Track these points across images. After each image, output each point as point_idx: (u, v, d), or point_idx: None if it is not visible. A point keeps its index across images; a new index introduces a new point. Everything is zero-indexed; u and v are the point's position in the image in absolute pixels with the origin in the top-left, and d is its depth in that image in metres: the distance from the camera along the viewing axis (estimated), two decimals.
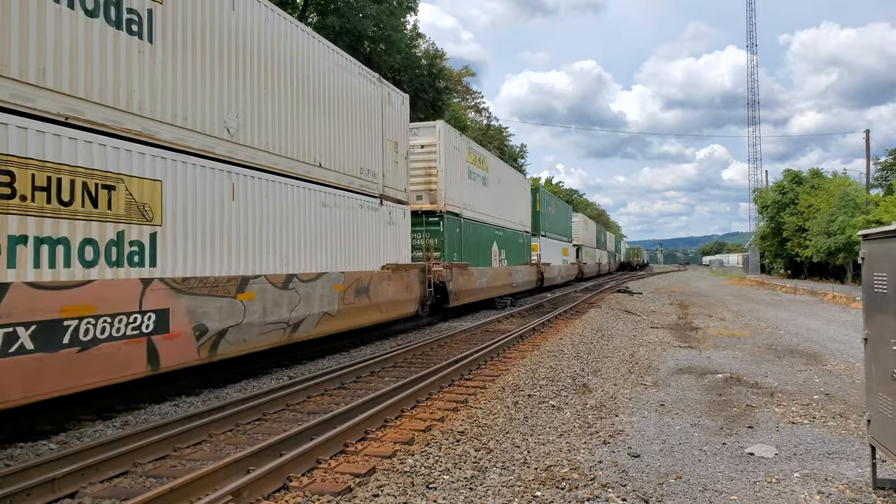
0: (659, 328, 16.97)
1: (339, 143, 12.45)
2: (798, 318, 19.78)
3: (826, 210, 41.08)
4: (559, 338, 14.17)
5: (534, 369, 10.24)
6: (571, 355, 11.77)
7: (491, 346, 12.31)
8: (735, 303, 26.77)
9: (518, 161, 64.00)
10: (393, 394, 8.21)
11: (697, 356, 12.05)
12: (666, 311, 22.49)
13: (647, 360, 11.60)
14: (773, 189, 52.08)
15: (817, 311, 21.98)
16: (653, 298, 29.78)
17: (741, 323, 18.35)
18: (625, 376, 9.97)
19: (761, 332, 16.10)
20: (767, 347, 13.23)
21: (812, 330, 16.38)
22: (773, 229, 50.78)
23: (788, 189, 48.68)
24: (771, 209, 50.05)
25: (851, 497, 4.95)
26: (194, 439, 6.58)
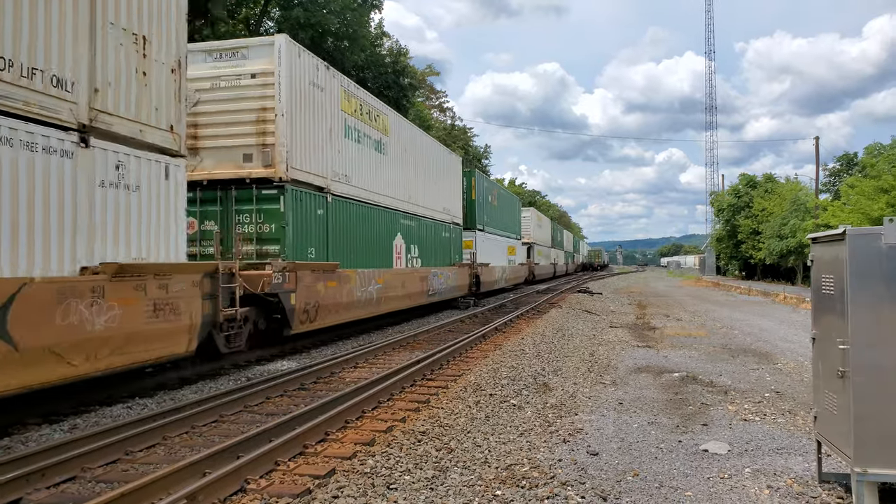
0: (618, 328, 17.26)
1: None
2: (751, 318, 20.35)
3: (779, 214, 42.41)
4: (521, 337, 14.29)
5: (495, 368, 10.30)
6: (533, 354, 11.88)
7: (453, 345, 12.34)
8: (691, 303, 27.40)
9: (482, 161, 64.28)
10: (354, 394, 8.16)
11: (655, 355, 12.29)
12: (625, 311, 22.87)
13: (606, 359, 11.79)
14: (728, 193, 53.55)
15: (769, 312, 22.64)
16: (612, 298, 30.26)
17: (697, 323, 18.79)
18: (584, 375, 10.11)
19: (716, 331, 16.52)
20: (722, 347, 13.58)
21: (764, 330, 16.87)
22: (728, 232, 52.13)
23: (743, 193, 50.09)
24: (726, 212, 51.41)
25: (798, 491, 5.12)
26: (147, 442, 6.43)
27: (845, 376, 4.58)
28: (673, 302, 28.37)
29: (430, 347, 12.98)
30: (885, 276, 4.45)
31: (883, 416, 4.41)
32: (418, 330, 15.53)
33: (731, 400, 8.40)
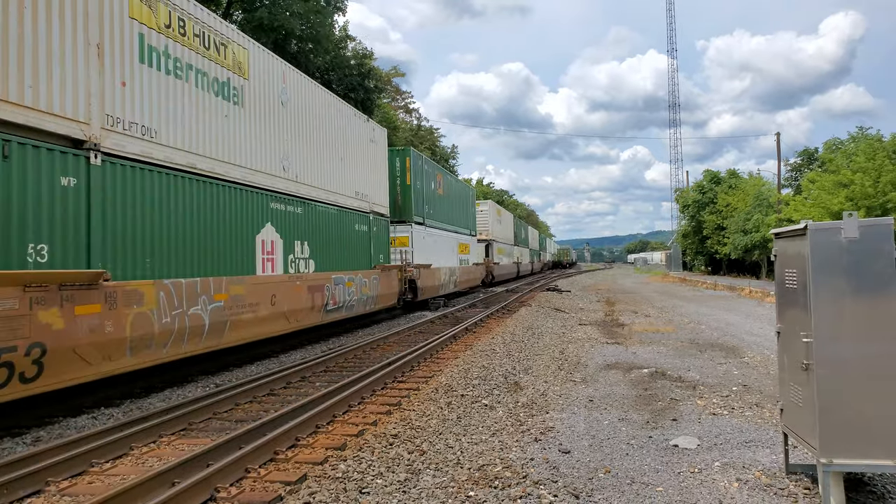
0: (587, 325, 17.43)
1: None
2: (718, 312, 20.74)
3: (742, 209, 43.19)
4: (491, 337, 14.33)
5: (466, 369, 10.31)
6: (503, 354, 11.92)
7: (424, 347, 12.32)
8: (659, 299, 27.82)
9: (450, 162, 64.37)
10: (324, 399, 8.09)
11: (624, 352, 12.44)
12: (593, 309, 23.12)
13: (576, 356, 11.89)
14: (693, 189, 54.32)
15: (735, 306, 23.10)
16: (581, 296, 30.56)
17: (665, 319, 19.08)
18: (555, 373, 10.18)
19: (684, 327, 16.79)
20: (690, 342, 13.81)
21: (731, 324, 17.20)
22: (693, 228, 52.95)
23: (708, 189, 50.87)
24: (692, 208, 52.19)
25: (766, 483, 5.22)
26: (114, 453, 6.28)
27: (809, 369, 4.68)
28: (641, 298, 28.76)
29: (402, 349, 12.94)
30: (845, 270, 4.56)
31: (847, 407, 4.52)
32: (389, 332, 15.47)
33: (700, 394, 8.53)
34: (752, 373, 10.10)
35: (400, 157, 21.71)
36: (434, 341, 13.11)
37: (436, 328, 16.79)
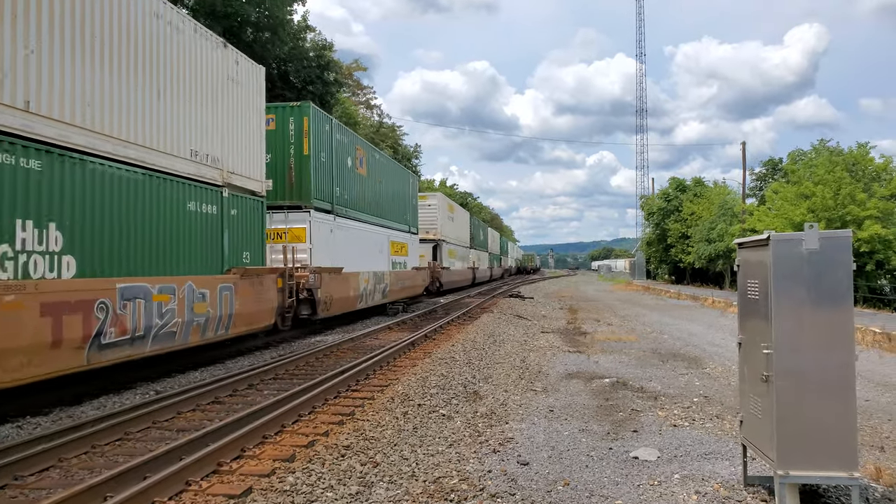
0: (549, 333, 17.61)
1: None
2: (681, 322, 21.19)
3: (707, 218, 44.28)
4: (451, 344, 14.36)
5: (424, 377, 10.31)
6: (463, 362, 11.96)
7: (381, 354, 12.27)
8: (622, 308, 28.28)
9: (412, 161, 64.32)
10: (273, 408, 7.98)
11: (586, 361, 12.61)
12: (556, 316, 23.37)
13: (537, 365, 12.00)
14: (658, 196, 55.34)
15: (698, 316, 23.64)
16: (544, 303, 30.85)
17: (628, 327, 19.41)
18: (515, 382, 10.25)
19: (647, 336, 17.11)
20: (652, 351, 14.07)
21: (693, 334, 17.59)
22: (658, 235, 53.95)
23: (673, 196, 51.96)
24: (656, 216, 53.19)
25: (725, 495, 5.35)
26: (40, 465, 6.07)
27: (769, 380, 4.82)
28: (604, 306, 29.19)
29: (356, 357, 12.86)
30: (806, 281, 4.71)
31: (804, 418, 4.67)
32: (344, 338, 15.34)
33: (661, 405, 8.70)
34: (714, 384, 10.34)
35: (295, 116, 16.06)
36: (391, 348, 13.04)
37: (393, 335, 16.73)
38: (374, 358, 11.80)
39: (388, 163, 24.19)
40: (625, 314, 24.49)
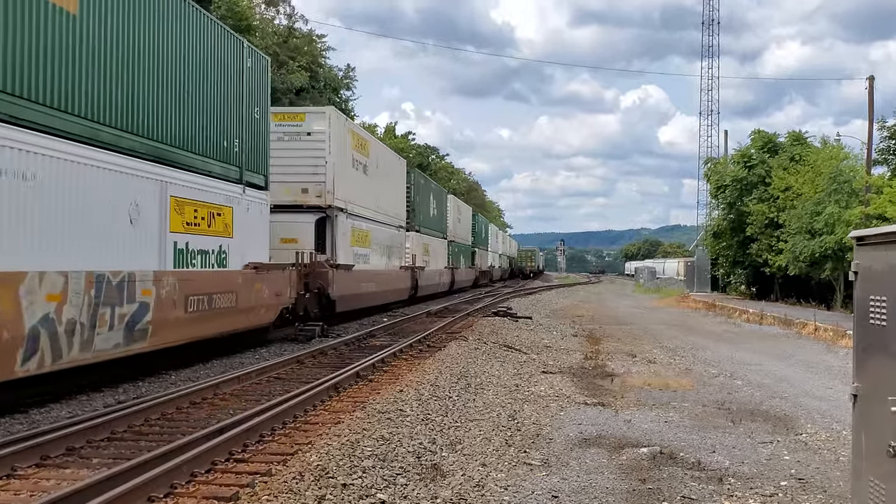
0: (555, 374, 17.67)
1: None
2: (763, 360, 21.43)
3: (810, 196, 43.79)
4: (398, 389, 14.30)
5: (354, 441, 10.23)
6: (417, 417, 11.91)
7: (285, 403, 12.18)
8: (671, 335, 28.53)
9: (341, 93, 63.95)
10: (104, 487, 7.85)
11: (612, 419, 12.64)
12: (567, 347, 23.46)
13: (534, 424, 12.00)
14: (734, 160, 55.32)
15: (791, 351, 23.92)
16: (548, 326, 30.96)
17: (679, 367, 19.59)
18: (499, 451, 10.23)
19: (708, 382, 17.27)
20: (717, 406, 14.18)
21: (782, 380, 17.82)
22: (732, 223, 53.92)
23: (757, 160, 51.67)
24: (730, 191, 53.01)
25: None
26: None
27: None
28: (642, 333, 29.39)
29: (245, 406, 12.74)
30: None
31: None
32: (226, 376, 15.21)
33: (729, 492, 8.76)
34: (813, 458, 10.45)
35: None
36: (300, 395, 12.95)
37: (306, 373, 16.59)
38: (273, 409, 11.70)
39: None
40: (674, 346, 24.71)
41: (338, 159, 27.49)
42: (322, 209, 26.83)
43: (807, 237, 42.20)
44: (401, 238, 38.57)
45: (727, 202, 53.80)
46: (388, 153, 38.33)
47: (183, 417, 12.01)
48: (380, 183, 34.00)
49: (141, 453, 9.56)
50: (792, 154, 49.92)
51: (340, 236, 27.83)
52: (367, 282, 30.90)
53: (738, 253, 54.33)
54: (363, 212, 30.86)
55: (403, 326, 27.87)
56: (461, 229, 61.25)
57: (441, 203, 52.97)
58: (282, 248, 24.54)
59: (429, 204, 47.63)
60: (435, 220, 49.73)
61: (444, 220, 53.52)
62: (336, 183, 27.17)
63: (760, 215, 49.06)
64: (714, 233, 57.27)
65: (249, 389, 14.51)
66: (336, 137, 27.38)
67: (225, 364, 17.86)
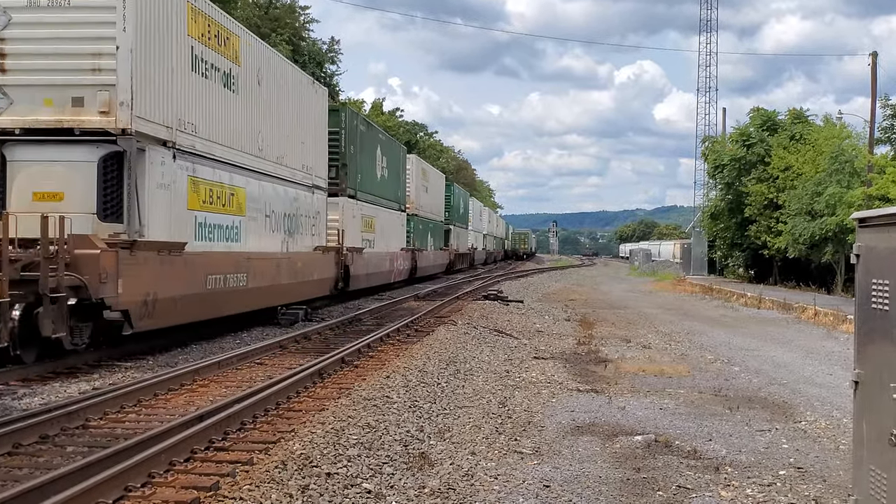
0: (547, 359, 17.77)
1: None
2: (762, 346, 21.57)
3: (811, 176, 43.90)
4: (385, 375, 14.34)
5: (339, 429, 10.27)
6: (404, 404, 11.97)
7: (267, 390, 12.20)
8: (667, 320, 28.66)
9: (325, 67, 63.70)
10: (79, 477, 7.86)
11: (606, 406, 12.73)
12: (559, 332, 23.57)
13: (525, 411, 12.09)
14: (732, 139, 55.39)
15: (790, 337, 24.07)
16: (539, 310, 31.06)
17: (675, 353, 19.71)
18: (489, 439, 10.29)
19: (705, 367, 17.38)
20: (714, 392, 14.29)
21: (781, 366, 17.94)
22: (730, 204, 54.01)
23: (757, 139, 51.74)
24: (728, 171, 53.08)
25: None
26: None
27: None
28: (637, 317, 29.51)
29: (224, 393, 12.78)
30: None
31: None
32: (206, 361, 15.22)
33: (726, 481, 8.83)
34: (813, 447, 10.55)
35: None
36: (283, 381, 12.99)
37: (287, 360, 16.65)
38: (255, 395, 11.72)
39: None
40: (670, 331, 24.83)
41: (148, 46, 16.55)
42: (112, 137, 15.92)
43: (807, 219, 42.29)
44: (316, 204, 27.49)
45: (725, 182, 53.92)
46: (291, 70, 26.51)
47: (161, 404, 12.01)
48: (265, 111, 23.01)
49: (117, 441, 9.58)
50: (792, 133, 50.08)
51: (154, 190, 16.92)
52: (230, 273, 20.32)
53: (737, 235, 54.42)
54: (220, 152, 19.94)
55: (388, 309, 27.85)
56: (429, 201, 52.91)
57: (396, 162, 42.07)
58: (33, 211, 14.78)
59: (374, 161, 36.84)
60: (386, 184, 39.42)
61: (400, 185, 43.42)
62: (141, 87, 16.24)
63: (759, 196, 49.22)
64: (711, 214, 57.29)
65: (230, 375, 14.52)
66: (145, 5, 16.43)
67: (204, 349, 17.88)
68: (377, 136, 38.56)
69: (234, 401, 11.38)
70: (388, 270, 39.27)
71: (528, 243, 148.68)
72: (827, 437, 11.12)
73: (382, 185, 38.49)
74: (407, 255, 43.69)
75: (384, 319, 24.83)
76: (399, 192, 42.93)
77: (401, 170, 43.59)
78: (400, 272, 41.81)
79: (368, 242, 34.66)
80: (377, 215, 36.98)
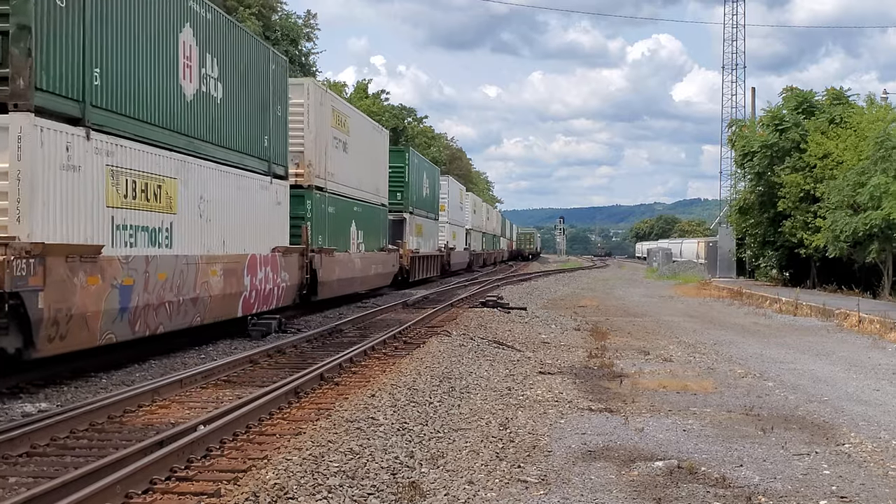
0: (554, 374, 17.70)
1: None
2: (799, 358, 21.51)
3: (853, 164, 43.71)
4: (370, 393, 14.27)
5: (318, 455, 10.20)
6: (392, 427, 11.90)
7: (233, 410, 12.15)
8: (691, 329, 28.64)
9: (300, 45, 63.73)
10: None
11: (621, 427, 12.65)
12: (568, 343, 23.51)
13: (530, 434, 12.01)
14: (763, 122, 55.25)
15: (832, 347, 24.01)
16: (545, 318, 31.04)
17: (700, 366, 19.63)
18: (489, 466, 10.22)
19: (734, 383, 17.29)
20: (744, 411, 14.19)
21: (821, 381, 17.86)
22: (760, 196, 53.92)
23: (791, 123, 51.56)
24: (759, 159, 52.92)
25: None
26: None
27: None
28: (657, 326, 29.50)
29: (189, 413, 12.71)
30: None
31: None
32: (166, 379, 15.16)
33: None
34: (858, 472, 10.46)
35: None
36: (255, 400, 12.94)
37: (262, 374, 16.61)
38: (222, 417, 11.69)
39: None
40: (695, 341, 24.76)
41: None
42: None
43: (849, 213, 42.04)
44: None
45: (755, 172, 53.62)
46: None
47: (116, 428, 11.98)
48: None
49: (66, 471, 9.52)
50: (831, 115, 49.64)
51: None
52: None
53: (769, 232, 54.21)
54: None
55: (374, 318, 27.79)
56: (353, 168, 35.84)
57: (255, 73, 24.47)
58: None
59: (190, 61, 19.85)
60: (236, 122, 22.88)
61: (270, 127, 25.49)
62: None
63: (794, 187, 48.91)
64: (740, 208, 57.10)
65: (194, 395, 14.50)
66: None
67: (164, 365, 17.79)
68: None
69: (198, 423, 11.34)
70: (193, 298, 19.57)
71: (535, 243, 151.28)
72: (874, 462, 11.03)
73: (219, 122, 21.65)
74: (291, 260, 26.61)
75: (368, 330, 24.78)
76: (262, 141, 24.91)
77: (265, 90, 25.26)
78: (266, 296, 24.42)
79: None
80: (190, 180, 19.66)
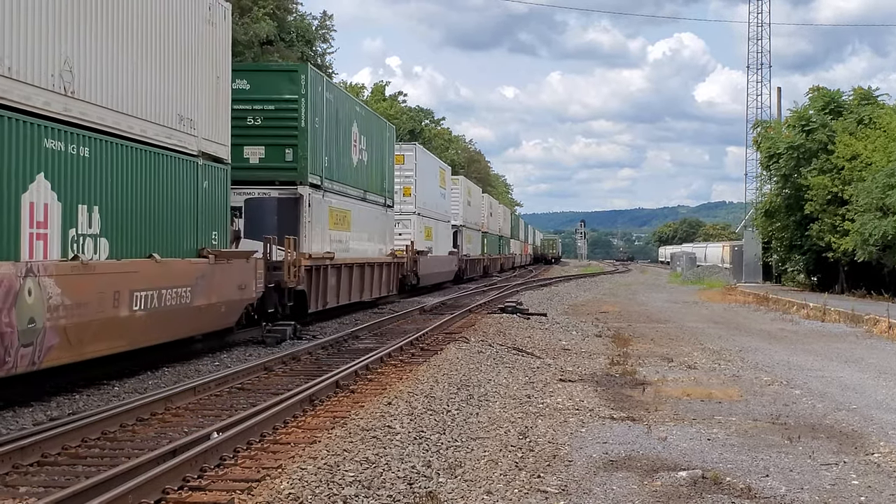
0: (575, 382, 17.70)
1: None
2: (827, 365, 21.43)
3: (884, 165, 43.51)
4: (387, 401, 14.32)
5: (333, 465, 10.27)
6: (408, 436, 11.96)
7: (247, 419, 12.22)
8: (716, 335, 28.50)
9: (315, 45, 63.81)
10: None
11: (644, 436, 12.68)
12: (589, 350, 23.48)
13: (550, 443, 12.04)
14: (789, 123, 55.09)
15: (861, 354, 23.88)
16: (566, 325, 30.99)
17: (725, 374, 19.60)
18: (508, 476, 10.25)
19: (761, 391, 17.28)
20: (771, 420, 14.20)
21: (850, 388, 17.81)
22: (787, 199, 53.70)
23: (818, 124, 51.38)
24: (785, 161, 52.76)
25: None
26: None
27: None
28: (680, 332, 29.40)
29: (202, 421, 12.82)
30: None
31: None
32: (180, 387, 15.25)
33: None
34: (888, 483, 10.47)
35: None
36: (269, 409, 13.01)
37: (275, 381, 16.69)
38: (236, 426, 11.76)
39: None
40: (720, 348, 24.71)
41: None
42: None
43: (878, 215, 41.76)
44: None
45: (781, 174, 53.34)
46: None
47: (128, 437, 12.01)
48: None
49: (78, 480, 9.59)
50: (860, 115, 49.38)
51: None
52: None
53: (796, 235, 53.93)
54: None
55: (390, 324, 27.80)
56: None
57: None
58: None
59: None
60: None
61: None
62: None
63: (822, 189, 48.57)
64: (766, 211, 56.77)
65: (207, 403, 14.53)
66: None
67: (178, 372, 17.87)
68: None
69: (211, 432, 11.40)
70: None
71: (557, 248, 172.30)
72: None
73: None
74: None
75: (384, 336, 24.87)
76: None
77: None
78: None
79: None
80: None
